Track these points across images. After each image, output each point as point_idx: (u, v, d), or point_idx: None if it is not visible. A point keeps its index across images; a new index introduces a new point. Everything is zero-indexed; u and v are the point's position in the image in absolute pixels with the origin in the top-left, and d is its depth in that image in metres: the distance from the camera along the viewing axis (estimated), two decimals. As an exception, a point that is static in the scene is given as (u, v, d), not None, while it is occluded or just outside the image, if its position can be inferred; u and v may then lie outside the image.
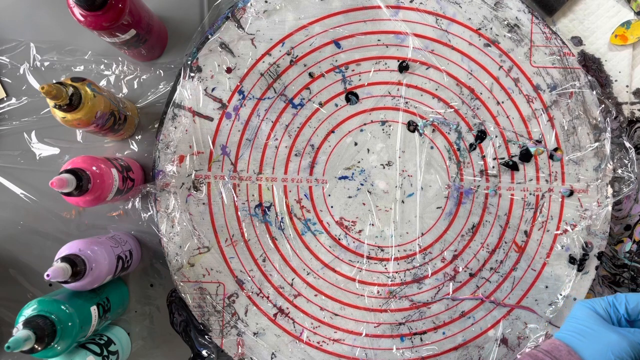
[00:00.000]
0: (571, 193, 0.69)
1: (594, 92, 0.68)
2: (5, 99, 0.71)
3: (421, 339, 0.69)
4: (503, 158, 0.69)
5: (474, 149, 0.69)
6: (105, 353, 0.64)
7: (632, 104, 0.71)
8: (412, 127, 0.69)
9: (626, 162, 0.68)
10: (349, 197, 0.70)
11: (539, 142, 0.69)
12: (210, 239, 0.69)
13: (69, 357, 0.59)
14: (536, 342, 0.68)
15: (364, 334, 0.69)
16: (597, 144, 0.68)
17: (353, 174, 0.70)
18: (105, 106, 0.59)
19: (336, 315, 0.70)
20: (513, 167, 0.69)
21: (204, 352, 0.70)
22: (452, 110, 0.69)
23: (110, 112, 0.60)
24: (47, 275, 0.52)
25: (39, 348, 0.53)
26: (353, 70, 0.69)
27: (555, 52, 0.68)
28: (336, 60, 0.69)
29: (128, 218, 0.71)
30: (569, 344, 0.47)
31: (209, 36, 0.68)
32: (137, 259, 0.70)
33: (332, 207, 0.70)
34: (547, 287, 0.69)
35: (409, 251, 0.69)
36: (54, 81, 0.55)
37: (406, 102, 0.69)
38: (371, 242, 0.70)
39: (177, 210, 0.68)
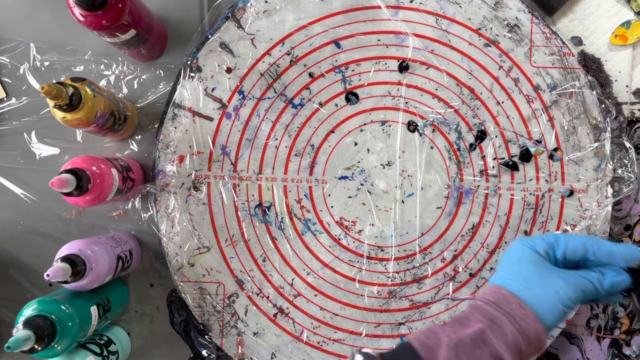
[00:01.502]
0: (571, 193, 0.69)
1: (594, 92, 0.68)
2: (5, 99, 0.71)
3: (421, 339, 0.69)
4: (503, 158, 0.69)
5: (474, 149, 0.69)
6: (105, 353, 0.64)
7: (632, 104, 0.71)
8: (412, 127, 0.69)
9: (626, 162, 0.68)
10: (349, 197, 0.70)
11: (539, 142, 0.69)
12: (210, 239, 0.69)
13: (69, 357, 0.59)
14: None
15: (364, 334, 0.69)
16: (597, 144, 0.68)
17: (353, 174, 0.70)
18: (105, 106, 0.59)
19: (336, 315, 0.70)
20: (513, 167, 0.69)
21: (204, 352, 0.70)
22: (452, 110, 0.69)
23: (110, 112, 0.60)
24: (47, 275, 0.52)
25: (39, 348, 0.53)
26: (353, 70, 0.69)
27: (555, 52, 0.68)
28: (336, 60, 0.69)
29: (128, 218, 0.71)
30: (516, 294, 0.41)
31: (209, 36, 0.68)
32: (137, 259, 0.70)
33: (332, 207, 0.70)
34: (547, 287, 0.69)
35: (409, 251, 0.69)
36: (54, 81, 0.55)
37: (406, 102, 0.69)
38: (371, 242, 0.70)
39: (177, 210, 0.68)
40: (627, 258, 0.42)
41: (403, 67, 0.68)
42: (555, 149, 0.69)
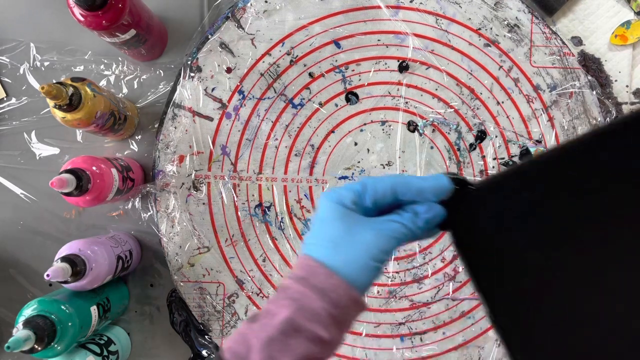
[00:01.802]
0: (571, 193, 0.69)
1: (594, 92, 0.68)
2: (5, 99, 0.71)
3: (421, 339, 0.69)
4: (503, 158, 0.69)
5: (474, 149, 0.69)
6: (105, 353, 0.64)
7: (632, 104, 0.71)
8: (412, 127, 0.69)
9: (626, 162, 0.68)
10: (349, 197, 0.70)
11: (539, 142, 0.69)
12: (210, 239, 0.69)
13: (69, 357, 0.59)
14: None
15: (364, 334, 0.69)
16: (597, 144, 0.68)
17: (353, 174, 0.70)
18: (105, 106, 0.59)
19: (336, 315, 0.70)
20: (513, 167, 0.69)
21: (204, 352, 0.70)
22: (452, 110, 0.69)
23: (110, 112, 0.60)
24: (47, 275, 0.52)
25: (39, 348, 0.53)
26: (353, 70, 0.69)
27: (555, 52, 0.68)
28: (336, 60, 0.69)
29: (128, 218, 0.71)
30: (325, 262, 0.37)
31: (209, 36, 0.68)
32: (137, 259, 0.70)
33: (332, 207, 0.70)
34: (547, 287, 0.69)
35: (408, 251, 0.69)
36: (54, 81, 0.55)
37: (406, 102, 0.69)
38: (371, 242, 0.70)
39: (177, 210, 0.68)
40: (437, 191, 0.39)
41: (403, 67, 0.68)
42: (555, 149, 0.69)
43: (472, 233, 0.39)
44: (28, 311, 0.55)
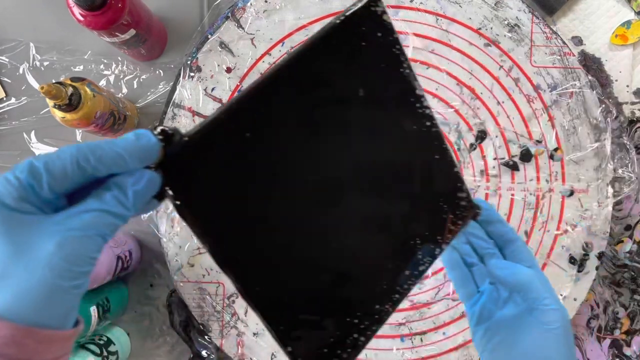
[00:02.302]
0: (571, 193, 0.69)
1: (594, 92, 0.68)
2: (4, 99, 0.71)
3: (421, 340, 0.69)
4: (503, 158, 0.69)
5: (474, 149, 0.69)
6: (105, 353, 0.63)
7: (633, 103, 0.71)
8: (412, 127, 0.69)
9: (627, 162, 0.68)
10: (349, 197, 0.69)
11: (539, 142, 0.69)
12: (210, 239, 0.69)
13: (68, 358, 0.59)
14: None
15: (364, 334, 0.69)
16: (597, 144, 0.68)
17: (353, 174, 0.69)
18: (105, 106, 0.59)
19: (336, 315, 0.69)
20: (513, 167, 0.69)
21: (204, 353, 0.70)
22: (453, 110, 0.69)
23: (110, 112, 0.60)
24: (47, 276, 0.52)
25: (39, 348, 0.53)
26: (353, 70, 0.69)
27: (556, 52, 0.68)
28: (336, 60, 0.68)
29: (128, 218, 0.71)
30: None
31: (209, 36, 0.68)
32: (137, 259, 0.70)
33: (332, 207, 0.69)
34: (547, 287, 0.69)
35: (409, 251, 0.69)
36: (54, 81, 0.55)
37: (406, 102, 0.69)
38: (371, 242, 0.69)
39: (177, 210, 0.68)
40: (142, 153, 0.28)
41: (403, 67, 0.68)
42: (556, 149, 0.69)
43: (196, 191, 0.33)
44: (27, 311, 0.55)
